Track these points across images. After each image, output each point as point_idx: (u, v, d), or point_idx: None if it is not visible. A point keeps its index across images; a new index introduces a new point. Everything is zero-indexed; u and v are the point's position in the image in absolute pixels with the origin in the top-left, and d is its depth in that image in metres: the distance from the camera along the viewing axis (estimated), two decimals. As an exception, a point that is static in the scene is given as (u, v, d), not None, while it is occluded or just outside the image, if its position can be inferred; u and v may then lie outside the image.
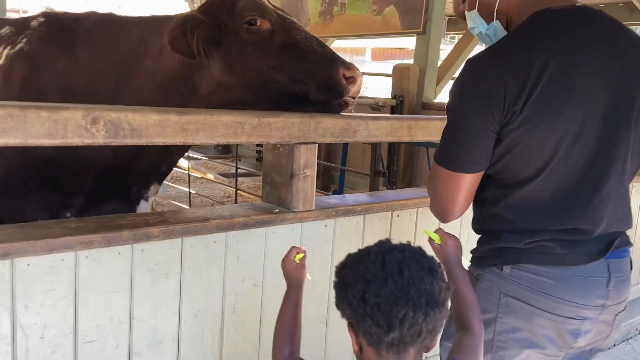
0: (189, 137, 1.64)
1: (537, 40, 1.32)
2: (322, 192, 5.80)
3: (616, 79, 1.34)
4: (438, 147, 1.43)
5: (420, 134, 2.25)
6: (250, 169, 7.26)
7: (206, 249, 1.79)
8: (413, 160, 5.54)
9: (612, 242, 1.41)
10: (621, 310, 1.47)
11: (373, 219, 2.25)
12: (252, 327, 1.96)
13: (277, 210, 1.97)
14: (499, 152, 1.36)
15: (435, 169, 1.43)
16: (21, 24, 2.30)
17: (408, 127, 2.22)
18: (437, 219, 1.52)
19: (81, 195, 2.25)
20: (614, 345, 3.46)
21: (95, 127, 1.46)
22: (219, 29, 1.99)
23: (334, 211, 2.10)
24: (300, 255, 1.42)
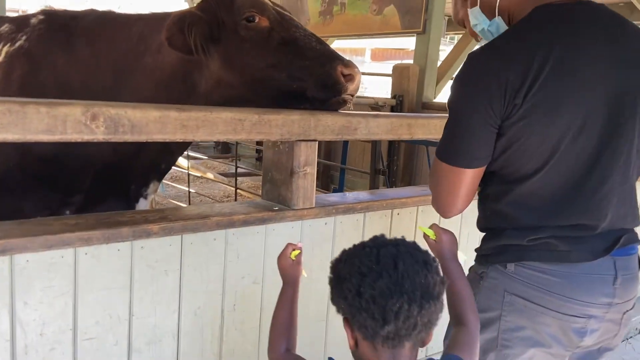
0: (189, 134, 1.63)
1: (538, 33, 1.31)
2: (322, 191, 5.79)
3: (619, 73, 1.33)
4: (439, 142, 1.43)
5: (420, 132, 2.25)
6: (250, 169, 7.26)
7: (206, 246, 1.79)
8: (413, 160, 5.54)
9: (618, 239, 1.39)
10: (629, 309, 1.44)
11: (373, 217, 2.25)
12: (252, 324, 1.95)
13: (277, 208, 1.96)
14: (500, 147, 1.35)
15: (437, 164, 1.43)
16: (21, 21, 2.30)
17: (408, 125, 2.22)
18: (438, 215, 1.52)
19: (80, 193, 2.25)
20: (614, 344, 3.44)
21: (94, 123, 1.45)
22: (218, 26, 1.98)
23: (334, 209, 2.09)
24: (296, 252, 1.41)
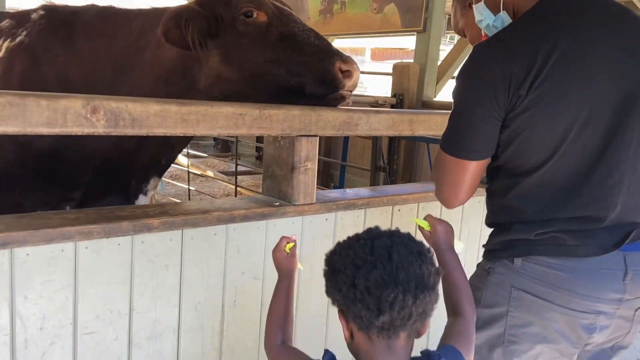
0: (189, 128, 1.63)
1: (542, 25, 1.31)
2: (322, 189, 5.79)
3: (626, 63, 1.32)
4: (443, 134, 1.43)
5: (421, 127, 2.25)
6: (250, 167, 7.26)
7: (206, 241, 1.78)
8: (413, 157, 5.53)
9: (629, 233, 1.35)
10: None
11: (374, 213, 2.24)
12: (253, 320, 1.94)
13: (277, 203, 1.95)
14: (505, 139, 1.35)
15: (440, 156, 1.43)
16: (21, 16, 2.30)
17: (409, 121, 2.21)
18: (439, 211, 1.51)
19: (80, 188, 2.25)
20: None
21: (95, 116, 1.45)
22: (216, 21, 1.97)
23: (335, 205, 2.09)
24: (290, 245, 1.42)
